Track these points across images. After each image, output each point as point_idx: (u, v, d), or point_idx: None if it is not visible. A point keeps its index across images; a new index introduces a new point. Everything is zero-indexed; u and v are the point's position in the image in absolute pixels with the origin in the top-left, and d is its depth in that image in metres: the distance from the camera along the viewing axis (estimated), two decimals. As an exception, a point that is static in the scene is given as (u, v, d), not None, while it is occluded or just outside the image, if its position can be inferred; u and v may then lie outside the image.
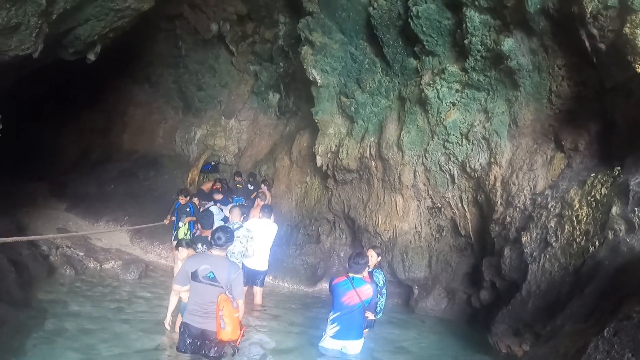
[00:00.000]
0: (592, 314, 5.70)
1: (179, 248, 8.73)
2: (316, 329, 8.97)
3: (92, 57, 12.55)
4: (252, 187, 15.95)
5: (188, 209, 12.75)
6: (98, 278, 11.88)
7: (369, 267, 7.93)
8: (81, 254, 12.93)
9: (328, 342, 7.37)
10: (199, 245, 8.51)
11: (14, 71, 11.79)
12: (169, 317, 7.60)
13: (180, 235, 12.30)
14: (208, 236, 7.66)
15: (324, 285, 13.27)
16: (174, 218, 13.05)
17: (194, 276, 6.40)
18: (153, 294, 10.92)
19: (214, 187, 15.78)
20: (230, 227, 9.75)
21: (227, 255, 6.86)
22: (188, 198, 13.01)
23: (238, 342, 6.57)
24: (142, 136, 20.71)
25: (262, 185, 15.14)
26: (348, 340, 7.30)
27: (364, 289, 7.20)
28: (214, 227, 7.48)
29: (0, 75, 11.02)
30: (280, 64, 17.08)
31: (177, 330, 7.53)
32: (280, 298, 12.12)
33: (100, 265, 12.81)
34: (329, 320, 7.39)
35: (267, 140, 17.91)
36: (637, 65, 6.65)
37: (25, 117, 20.40)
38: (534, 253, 8.27)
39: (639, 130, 7.64)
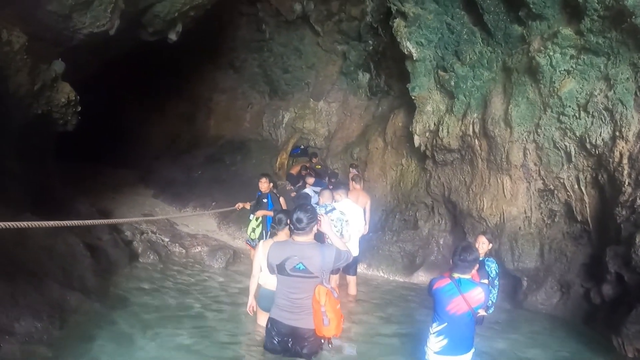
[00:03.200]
0: None
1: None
2: (414, 328, 8.22)
3: (173, 36, 12.06)
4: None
5: (265, 200, 10.76)
6: (183, 265, 11.52)
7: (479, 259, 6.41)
8: (166, 239, 12.65)
9: (433, 359, 5.98)
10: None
11: (96, 55, 11.56)
12: (251, 300, 6.84)
13: (249, 232, 10.90)
14: None
15: (421, 276, 12.27)
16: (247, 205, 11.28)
17: (280, 269, 5.52)
18: (240, 283, 10.37)
19: (303, 173, 15.11)
20: (323, 209, 9.01)
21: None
22: (271, 185, 10.97)
23: (339, 334, 5.73)
24: (228, 122, 20.45)
25: (351, 169, 14.35)
26: (458, 356, 5.92)
27: (473, 294, 5.70)
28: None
29: (83, 59, 10.87)
30: (369, 41, 16.19)
31: (259, 323, 7.04)
32: (374, 288, 11.28)
33: (186, 251, 12.42)
34: (432, 332, 5.95)
35: (358, 122, 17.07)
36: None
37: (112, 105, 20.73)
38: None
39: None
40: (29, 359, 5.99)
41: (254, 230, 10.73)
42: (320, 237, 6.68)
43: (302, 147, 17.89)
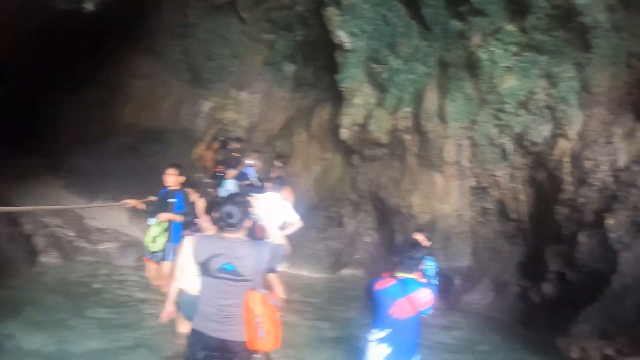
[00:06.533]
0: None
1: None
2: (349, 332, 7.83)
3: (89, 6, 11.01)
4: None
5: (172, 200, 8.35)
6: (89, 263, 10.55)
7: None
8: (72, 234, 11.54)
9: None
10: None
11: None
12: (168, 306, 5.72)
13: (147, 241, 8.48)
14: None
15: (345, 273, 11.90)
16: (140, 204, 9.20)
17: (205, 269, 4.64)
18: (148, 285, 9.30)
19: (217, 170, 14.37)
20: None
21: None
22: (182, 180, 8.61)
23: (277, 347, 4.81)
24: (145, 110, 19.23)
25: (276, 162, 13.84)
26: None
27: (420, 295, 5.18)
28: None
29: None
30: (299, 31, 15.55)
31: (180, 332, 6.15)
32: (300, 289, 10.67)
33: (94, 247, 11.39)
34: (372, 340, 5.39)
35: (282, 114, 16.47)
36: None
37: (21, 88, 19.46)
38: (625, 239, 7.03)
39: None
40: None
41: (154, 240, 8.38)
42: (253, 234, 6.03)
43: (222, 138, 17.23)
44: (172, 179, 8.37)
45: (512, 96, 9.29)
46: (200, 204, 8.42)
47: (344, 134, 12.34)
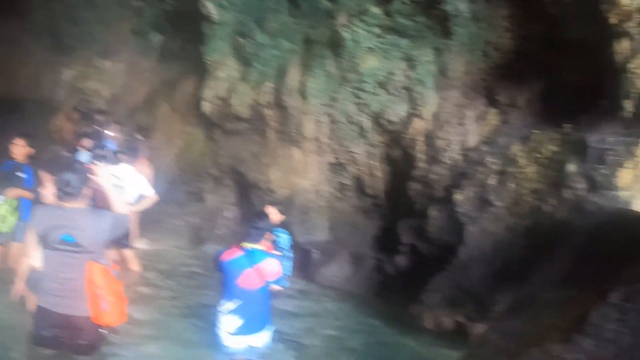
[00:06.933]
0: (575, 279, 4.85)
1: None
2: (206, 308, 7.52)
3: None
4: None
5: (22, 174, 7.64)
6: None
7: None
8: None
9: (229, 341, 5.55)
10: None
11: None
12: (19, 283, 5.40)
13: None
14: None
15: (206, 248, 11.84)
16: None
17: (45, 241, 4.46)
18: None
19: (76, 142, 13.76)
20: None
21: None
22: (29, 152, 7.83)
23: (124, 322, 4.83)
24: (2, 77, 17.66)
25: (137, 135, 13.48)
26: (255, 334, 5.55)
27: (266, 265, 5.39)
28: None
29: None
30: (168, 0, 15.04)
31: (30, 309, 5.53)
32: (158, 265, 10.42)
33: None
34: (223, 311, 5.50)
35: (146, 85, 15.83)
36: (610, 16, 6.37)
37: None
38: (472, 213, 7.59)
39: (593, 89, 7.20)
40: None
41: (3, 219, 7.61)
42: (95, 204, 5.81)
43: (83, 109, 16.51)
44: (19, 150, 7.73)
45: (372, 76, 9.59)
46: (44, 175, 7.48)
47: (207, 107, 12.29)
